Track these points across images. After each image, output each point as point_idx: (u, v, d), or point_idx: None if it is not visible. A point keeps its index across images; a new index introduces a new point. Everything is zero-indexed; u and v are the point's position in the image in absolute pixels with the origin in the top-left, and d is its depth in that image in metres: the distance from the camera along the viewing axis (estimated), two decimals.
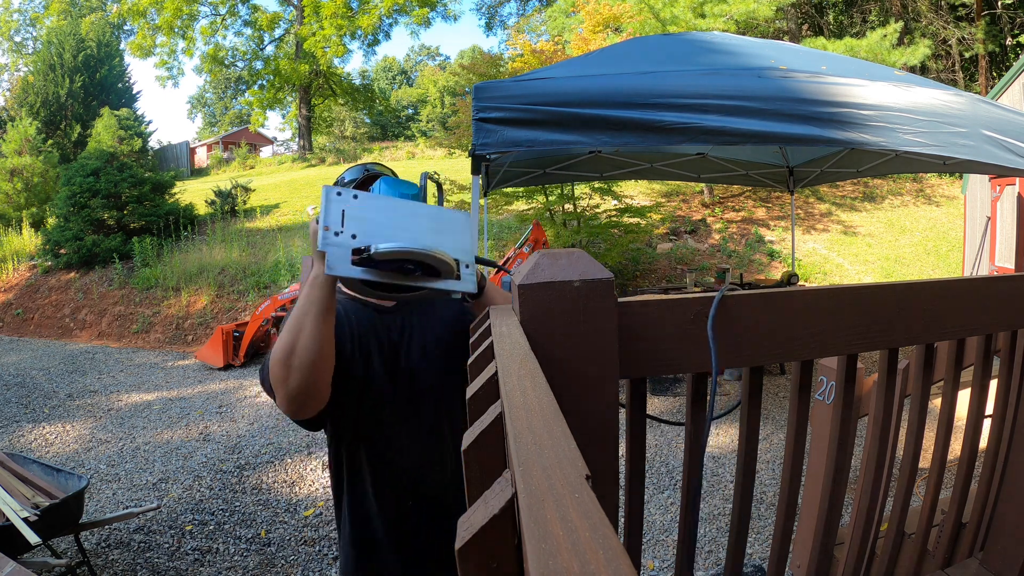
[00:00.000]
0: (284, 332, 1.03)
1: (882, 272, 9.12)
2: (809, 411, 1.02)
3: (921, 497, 1.36)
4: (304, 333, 1.01)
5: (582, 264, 0.73)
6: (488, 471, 0.50)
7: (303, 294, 1.03)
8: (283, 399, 1.05)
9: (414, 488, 1.24)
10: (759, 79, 2.73)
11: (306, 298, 1.02)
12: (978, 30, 14.08)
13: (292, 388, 1.03)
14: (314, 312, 1.01)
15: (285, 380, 1.02)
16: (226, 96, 35.09)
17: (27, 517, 2.35)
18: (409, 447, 1.24)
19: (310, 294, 1.02)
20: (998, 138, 2.76)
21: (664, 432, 4.33)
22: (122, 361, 7.34)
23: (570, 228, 8.32)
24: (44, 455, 4.31)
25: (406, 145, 24.48)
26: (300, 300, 1.03)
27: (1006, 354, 1.24)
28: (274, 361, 1.03)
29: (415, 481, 1.24)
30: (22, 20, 25.91)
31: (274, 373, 1.03)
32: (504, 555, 0.38)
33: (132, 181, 10.87)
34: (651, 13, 9.48)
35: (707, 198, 11.13)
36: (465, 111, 9.51)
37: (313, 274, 1.02)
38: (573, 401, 0.72)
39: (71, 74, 17.11)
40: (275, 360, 1.03)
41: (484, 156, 3.02)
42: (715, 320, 0.81)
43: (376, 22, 21.94)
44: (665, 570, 2.71)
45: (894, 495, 1.25)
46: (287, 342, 1.02)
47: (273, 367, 1.04)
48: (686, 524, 0.96)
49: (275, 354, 1.04)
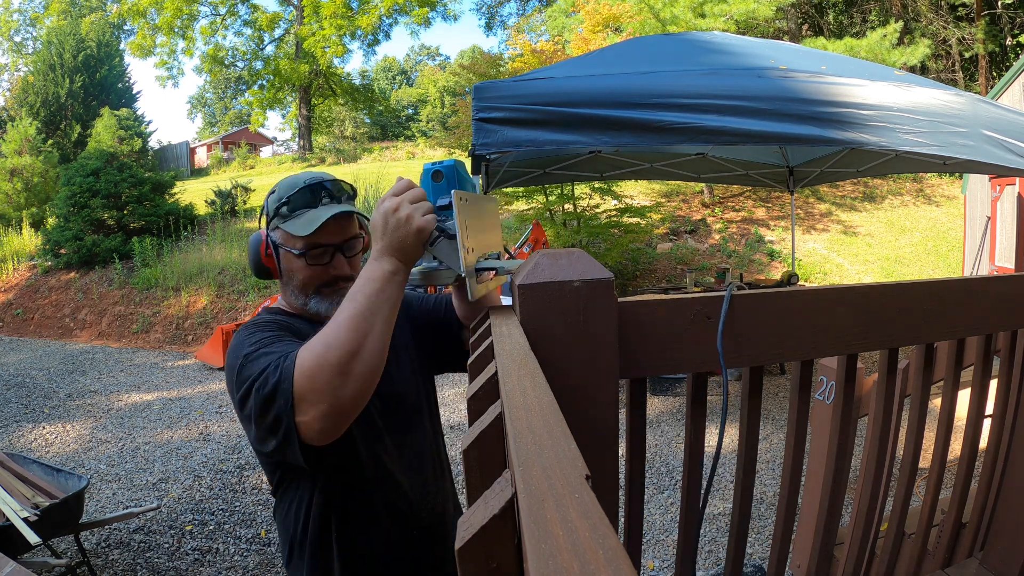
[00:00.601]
0: (343, 331, 0.85)
1: (882, 272, 9.12)
2: (809, 411, 1.02)
3: (921, 497, 1.36)
4: (374, 336, 0.85)
5: (582, 264, 0.73)
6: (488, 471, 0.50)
7: (372, 289, 0.86)
8: (322, 415, 0.84)
9: (416, 516, 1.16)
10: (759, 79, 2.74)
11: (379, 295, 0.86)
12: (978, 30, 14.08)
13: (345, 400, 0.84)
14: (386, 313, 0.87)
15: (338, 390, 0.84)
16: (226, 96, 35.08)
17: (27, 517, 2.35)
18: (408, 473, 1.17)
19: (385, 291, 0.87)
20: (998, 138, 2.76)
21: (664, 432, 4.33)
22: (122, 361, 7.34)
23: (570, 228, 8.32)
24: (44, 455, 4.31)
25: (406, 145, 24.48)
26: (366, 296, 0.86)
27: (1006, 354, 1.24)
28: (324, 365, 0.84)
29: (417, 508, 1.17)
30: (22, 20, 25.91)
31: (322, 380, 0.84)
32: (504, 555, 0.38)
33: (132, 181, 10.88)
34: (651, 13, 9.48)
35: (707, 198, 11.13)
36: (465, 111, 9.51)
37: (389, 269, 0.87)
38: (573, 401, 0.72)
39: (71, 74, 17.10)
40: (327, 364, 0.84)
41: (484, 156, 3.03)
42: (726, 320, 0.81)
43: (376, 22, 21.94)
44: (665, 570, 2.71)
45: (894, 495, 1.25)
46: (351, 343, 0.84)
47: (321, 372, 0.84)
48: (686, 524, 0.96)
49: (325, 356, 0.84)
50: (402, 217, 0.86)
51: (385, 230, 0.87)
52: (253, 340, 0.99)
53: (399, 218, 0.86)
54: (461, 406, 5.01)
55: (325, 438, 0.87)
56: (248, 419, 0.92)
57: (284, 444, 0.88)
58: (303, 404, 0.84)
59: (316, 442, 0.87)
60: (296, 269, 1.09)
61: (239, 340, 1.01)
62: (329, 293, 1.11)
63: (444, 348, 1.26)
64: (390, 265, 0.87)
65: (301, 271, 1.09)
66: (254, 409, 0.89)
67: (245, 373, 0.92)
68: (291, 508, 1.11)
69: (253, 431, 0.92)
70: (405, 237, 0.86)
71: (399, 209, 0.86)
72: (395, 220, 0.86)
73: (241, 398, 0.93)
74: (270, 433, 0.88)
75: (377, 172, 10.32)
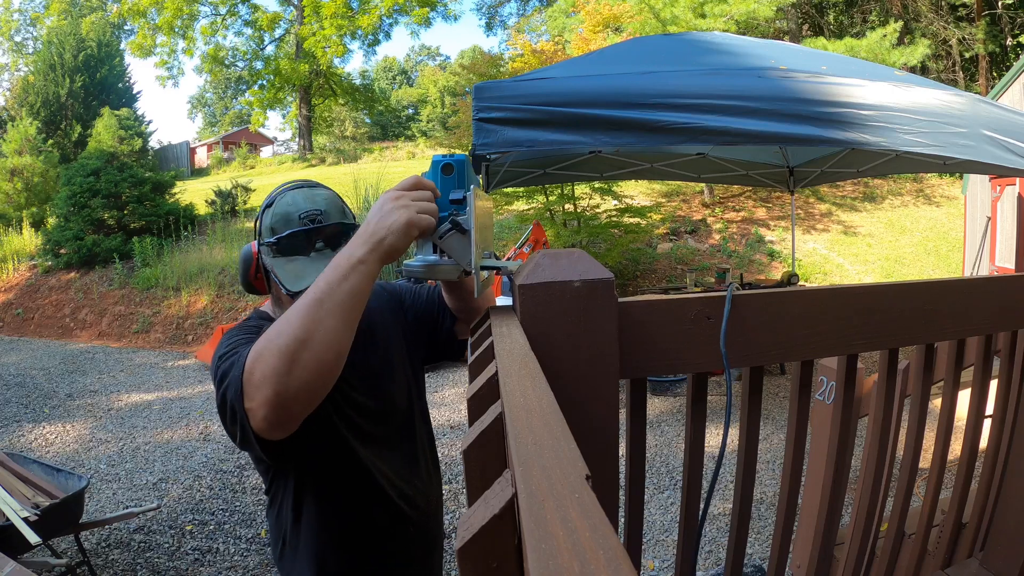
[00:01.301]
0: (294, 317, 0.81)
1: (882, 272, 9.12)
2: (809, 411, 1.02)
3: (921, 497, 1.36)
4: (328, 325, 0.80)
5: (583, 264, 0.73)
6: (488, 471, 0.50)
7: (334, 277, 0.81)
8: (265, 401, 0.80)
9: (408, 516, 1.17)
10: (759, 79, 2.74)
11: (340, 283, 0.81)
12: (978, 30, 14.09)
13: (291, 388, 0.79)
14: (345, 301, 0.81)
15: (282, 376, 0.79)
16: (226, 96, 35.09)
17: (27, 517, 2.35)
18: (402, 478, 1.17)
19: (349, 278, 0.81)
20: (998, 138, 2.76)
21: (664, 432, 4.33)
22: (122, 361, 7.34)
23: (570, 228, 8.32)
24: (44, 455, 4.31)
25: (406, 145, 24.48)
26: (327, 283, 0.81)
27: (1006, 354, 1.24)
28: (271, 349, 0.80)
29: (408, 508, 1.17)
30: (22, 20, 25.93)
31: (267, 365, 0.79)
32: (504, 555, 0.38)
33: (132, 181, 10.88)
34: (651, 13, 9.49)
35: (707, 198, 11.13)
36: (465, 111, 9.51)
37: (358, 256, 0.82)
38: (573, 401, 0.72)
39: (71, 74, 17.10)
40: (273, 348, 0.80)
41: (484, 156, 3.03)
42: (729, 319, 0.81)
43: (376, 22, 21.95)
44: (665, 570, 2.71)
45: (894, 495, 1.25)
46: (300, 330, 0.80)
47: (267, 355, 0.80)
48: (686, 524, 0.96)
49: (274, 341, 0.80)
50: (396, 207, 0.83)
51: (373, 216, 0.84)
52: (231, 341, 1.00)
53: (391, 207, 0.83)
54: (461, 406, 5.01)
55: (272, 428, 0.83)
56: (220, 415, 0.92)
57: (243, 436, 0.86)
58: (249, 389, 0.82)
59: (265, 434, 0.83)
60: (284, 298, 1.09)
61: (220, 343, 1.03)
62: None
63: (436, 339, 1.26)
64: (360, 252, 0.82)
65: (289, 301, 1.05)
66: (217, 402, 0.91)
67: (218, 372, 0.93)
68: (281, 508, 1.13)
69: (226, 426, 0.92)
70: (379, 227, 0.82)
71: (399, 199, 0.84)
72: (389, 207, 0.83)
73: (217, 396, 0.94)
74: (232, 423, 0.87)
75: (377, 172, 10.32)
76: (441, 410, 4.97)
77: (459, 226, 0.87)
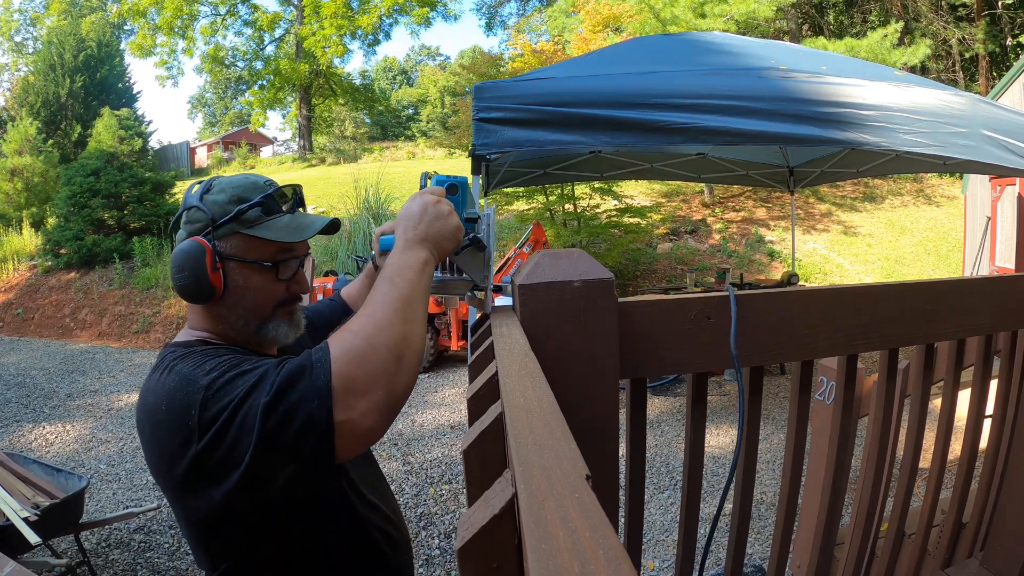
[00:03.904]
0: (389, 311, 0.74)
1: (882, 272, 9.12)
2: (809, 411, 1.02)
3: (921, 497, 1.36)
4: (417, 322, 0.76)
5: (583, 264, 0.73)
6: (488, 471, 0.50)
7: (412, 275, 0.78)
8: (375, 407, 0.70)
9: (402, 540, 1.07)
10: (759, 79, 2.74)
11: (418, 282, 0.78)
12: (978, 30, 14.09)
13: (399, 391, 0.72)
14: (424, 302, 0.78)
15: (392, 375, 0.71)
16: (226, 96, 35.08)
17: (27, 517, 2.35)
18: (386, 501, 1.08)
19: (422, 280, 0.79)
20: (998, 138, 2.76)
21: (664, 432, 4.33)
22: (122, 361, 7.34)
23: (570, 228, 8.33)
24: (44, 455, 4.31)
25: (406, 145, 24.49)
26: (407, 281, 0.77)
27: (1006, 354, 1.24)
28: (378, 347, 0.71)
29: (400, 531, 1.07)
30: (22, 20, 25.92)
31: (378, 363, 0.71)
32: (504, 555, 0.38)
33: (132, 181, 10.87)
34: (651, 13, 9.49)
35: (707, 198, 11.13)
36: (465, 111, 9.51)
37: (423, 258, 0.80)
38: (573, 401, 0.72)
39: (71, 74, 17.10)
40: (381, 345, 0.71)
41: (484, 156, 3.02)
42: (727, 320, 0.81)
43: (376, 22, 21.95)
44: (665, 570, 2.71)
45: (894, 495, 1.25)
46: (403, 325, 0.74)
47: (376, 354, 0.71)
48: (686, 524, 0.96)
49: (379, 338, 0.72)
50: (444, 210, 0.83)
51: (422, 219, 0.82)
52: (208, 367, 0.76)
53: (441, 210, 0.83)
54: (461, 406, 5.01)
55: (372, 438, 0.72)
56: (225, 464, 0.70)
57: (303, 469, 0.70)
58: (349, 397, 0.68)
59: (359, 445, 0.71)
60: (255, 286, 0.90)
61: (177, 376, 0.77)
62: (287, 315, 0.94)
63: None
64: (424, 254, 0.81)
65: (263, 288, 0.91)
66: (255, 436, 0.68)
67: (219, 402, 0.71)
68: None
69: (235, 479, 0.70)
70: (444, 229, 0.82)
71: (440, 203, 0.83)
72: (435, 211, 0.82)
73: (213, 438, 0.70)
74: (283, 461, 0.69)
75: (377, 172, 10.31)
76: (441, 410, 4.97)
77: (478, 243, 0.89)
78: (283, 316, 0.94)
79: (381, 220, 9.08)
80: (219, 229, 0.87)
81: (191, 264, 0.85)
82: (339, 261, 8.61)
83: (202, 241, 0.86)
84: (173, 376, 0.78)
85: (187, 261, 0.85)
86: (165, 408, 0.75)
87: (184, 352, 0.82)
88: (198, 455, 0.71)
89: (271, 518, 0.84)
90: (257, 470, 0.69)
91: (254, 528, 0.83)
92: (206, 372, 0.75)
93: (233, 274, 0.88)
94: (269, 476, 0.71)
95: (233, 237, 0.88)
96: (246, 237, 0.89)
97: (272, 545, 0.86)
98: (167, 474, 0.77)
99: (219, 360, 0.78)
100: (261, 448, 0.68)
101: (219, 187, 0.91)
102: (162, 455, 0.76)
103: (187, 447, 0.72)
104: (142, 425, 0.80)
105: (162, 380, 0.79)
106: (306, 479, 0.73)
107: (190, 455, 0.72)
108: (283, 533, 0.86)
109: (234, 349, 0.87)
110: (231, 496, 0.72)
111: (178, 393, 0.75)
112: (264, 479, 0.71)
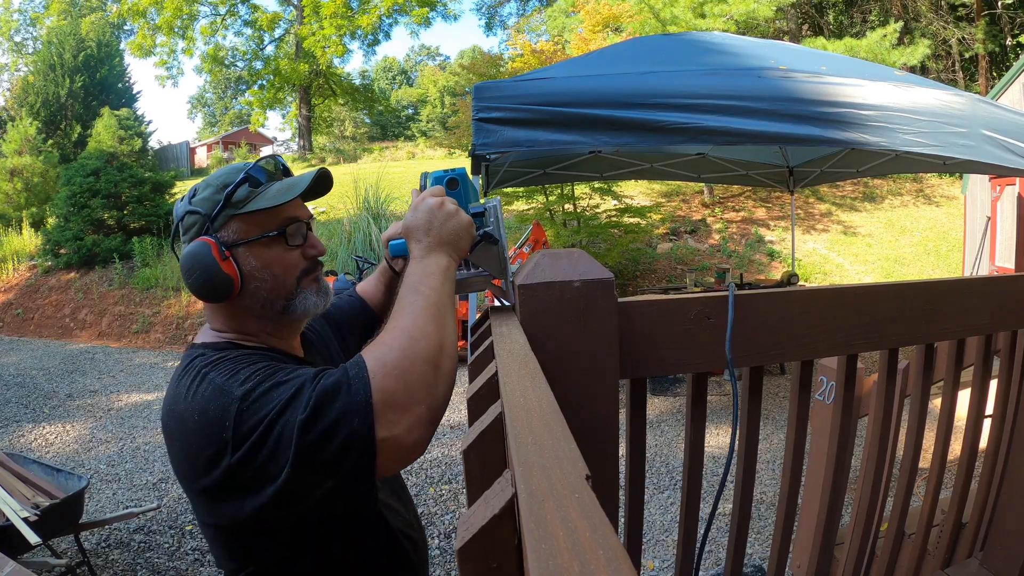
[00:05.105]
0: (421, 320, 0.72)
1: (882, 272, 9.12)
2: (809, 411, 1.02)
3: (921, 497, 1.36)
4: (449, 330, 0.74)
5: (583, 264, 0.73)
6: (488, 471, 0.50)
7: (436, 282, 0.77)
8: (419, 421, 0.68)
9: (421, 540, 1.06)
10: (759, 79, 2.74)
11: (443, 288, 0.77)
12: (978, 30, 14.09)
13: (440, 401, 0.70)
14: (451, 308, 0.78)
15: (432, 387, 0.69)
16: (226, 96, 35.10)
17: (27, 517, 2.35)
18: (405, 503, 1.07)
19: (446, 285, 0.78)
20: (998, 138, 2.76)
21: (664, 432, 4.33)
22: (122, 361, 7.34)
23: (570, 228, 8.33)
24: (44, 455, 4.31)
25: (406, 145, 24.52)
26: (432, 288, 0.76)
27: (1006, 354, 1.24)
28: (415, 359, 0.69)
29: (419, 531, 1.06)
30: (22, 20, 25.91)
31: (416, 376, 0.69)
32: (504, 555, 0.38)
33: (132, 181, 10.87)
34: (651, 13, 9.49)
35: (707, 198, 11.14)
36: (465, 111, 9.52)
37: (444, 263, 0.80)
38: (573, 401, 0.72)
39: (71, 74, 17.10)
40: (418, 357, 0.70)
41: (484, 156, 3.03)
42: (734, 318, 0.81)
43: (376, 22, 21.96)
44: (665, 570, 2.71)
45: (894, 495, 1.25)
46: (437, 333, 0.72)
47: (413, 367, 0.69)
48: (686, 524, 0.96)
49: (415, 349, 0.70)
50: (451, 209, 0.82)
51: (432, 225, 0.81)
52: (242, 376, 0.74)
53: (448, 211, 0.82)
54: (461, 406, 5.01)
55: (416, 453, 0.70)
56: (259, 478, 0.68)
57: (342, 485, 0.68)
58: (390, 413, 0.66)
59: (403, 462, 0.70)
60: (270, 260, 0.87)
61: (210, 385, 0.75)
62: (311, 282, 0.91)
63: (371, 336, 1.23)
64: (445, 259, 0.80)
65: (278, 260, 0.88)
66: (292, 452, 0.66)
67: (255, 415, 0.69)
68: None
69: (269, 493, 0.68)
70: (457, 229, 0.82)
71: (444, 204, 0.83)
72: (443, 213, 0.82)
73: (248, 452, 0.68)
74: (321, 477, 0.67)
75: (377, 172, 10.30)
76: None
77: (490, 237, 0.89)
78: (308, 285, 0.91)
79: (381, 220, 9.08)
80: (216, 220, 0.86)
81: (200, 262, 0.83)
82: (339, 261, 8.60)
83: (204, 238, 0.85)
84: (206, 385, 0.75)
85: (195, 261, 0.83)
86: (198, 418, 0.73)
87: (215, 358, 0.80)
88: (231, 468, 0.70)
89: (309, 533, 0.82)
90: (294, 486, 0.67)
91: (288, 543, 0.81)
92: (240, 383, 0.73)
93: (244, 260, 0.86)
94: (305, 492, 0.69)
95: (232, 223, 0.86)
96: (244, 216, 0.86)
97: (309, 558, 0.84)
98: (194, 481, 0.75)
99: (253, 369, 0.75)
100: (298, 464, 0.66)
101: (203, 186, 0.89)
102: (193, 465, 0.74)
103: (220, 459, 0.70)
104: (171, 433, 0.78)
105: (193, 388, 0.76)
106: (346, 495, 0.71)
107: (223, 467, 0.70)
108: (323, 547, 0.84)
109: (265, 353, 0.85)
110: (261, 510, 0.70)
111: (211, 404, 0.72)
112: (300, 495, 0.69)
